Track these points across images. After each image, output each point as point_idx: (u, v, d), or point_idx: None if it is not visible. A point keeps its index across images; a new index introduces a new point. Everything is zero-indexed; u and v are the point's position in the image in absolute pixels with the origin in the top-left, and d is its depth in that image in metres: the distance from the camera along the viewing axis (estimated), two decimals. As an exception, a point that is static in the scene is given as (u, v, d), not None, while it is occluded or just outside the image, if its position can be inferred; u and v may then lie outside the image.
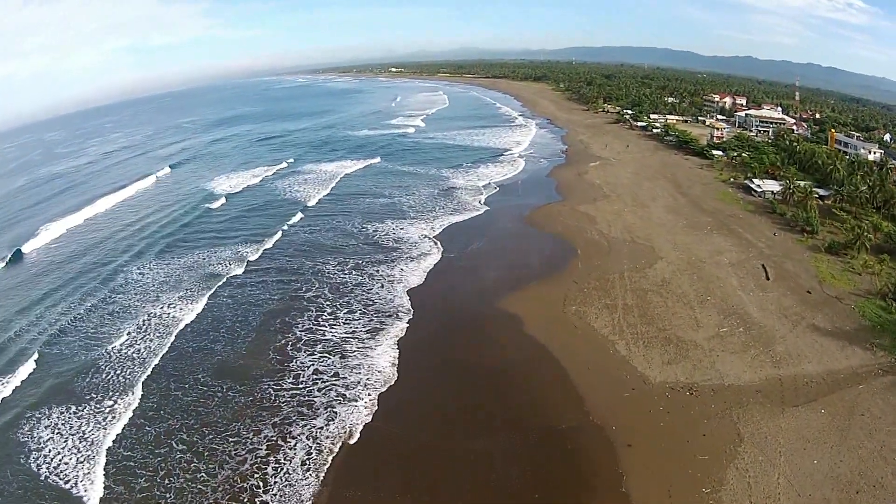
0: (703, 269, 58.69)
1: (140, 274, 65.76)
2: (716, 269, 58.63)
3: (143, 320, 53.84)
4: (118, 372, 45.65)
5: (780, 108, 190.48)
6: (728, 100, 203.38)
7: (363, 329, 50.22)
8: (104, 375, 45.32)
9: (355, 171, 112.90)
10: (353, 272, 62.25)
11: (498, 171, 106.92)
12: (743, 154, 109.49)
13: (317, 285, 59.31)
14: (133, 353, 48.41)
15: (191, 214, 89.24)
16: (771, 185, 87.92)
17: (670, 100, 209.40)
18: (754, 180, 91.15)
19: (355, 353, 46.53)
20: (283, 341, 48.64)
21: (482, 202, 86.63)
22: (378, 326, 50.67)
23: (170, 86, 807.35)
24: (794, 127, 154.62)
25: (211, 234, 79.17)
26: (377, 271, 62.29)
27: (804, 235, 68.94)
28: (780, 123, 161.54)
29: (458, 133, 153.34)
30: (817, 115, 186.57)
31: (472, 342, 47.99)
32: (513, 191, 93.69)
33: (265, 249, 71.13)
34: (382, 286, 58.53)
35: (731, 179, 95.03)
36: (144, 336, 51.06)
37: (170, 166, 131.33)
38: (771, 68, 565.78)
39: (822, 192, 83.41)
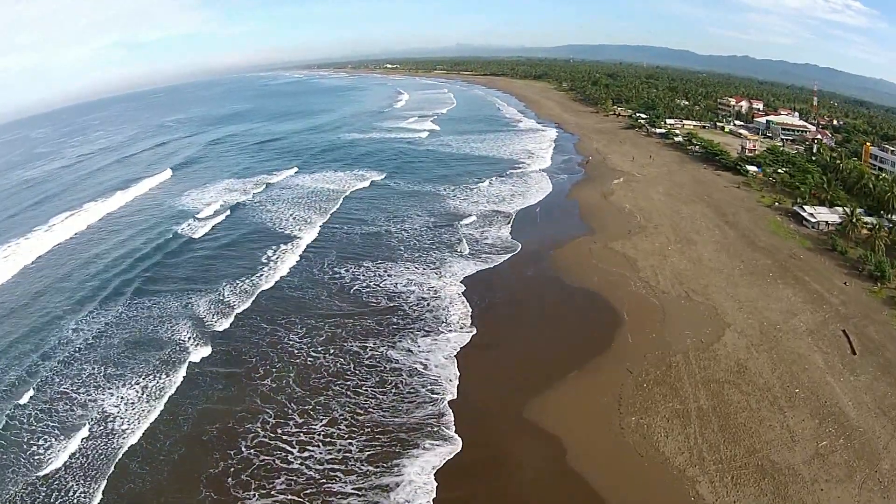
0: (781, 342, 45.48)
1: (78, 349, 49.90)
2: (794, 341, 45.55)
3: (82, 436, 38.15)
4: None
5: (797, 114, 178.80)
6: (744, 104, 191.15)
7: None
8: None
9: (359, 190, 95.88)
10: (350, 360, 45.99)
11: (512, 189, 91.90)
12: (780, 171, 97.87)
13: (307, 384, 42.68)
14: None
15: (152, 257, 70.60)
16: (825, 215, 75.51)
17: (683, 103, 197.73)
18: (805, 207, 78.81)
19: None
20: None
21: (501, 242, 69.26)
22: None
23: (162, 81, 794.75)
24: (819, 136, 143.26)
25: (172, 286, 61.65)
26: (382, 360, 46.12)
27: (876, 285, 57.05)
28: (803, 131, 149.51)
29: (466, 140, 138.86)
30: (834, 122, 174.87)
31: (494, 487, 33.23)
32: (531, 220, 78.31)
33: (240, 313, 53.88)
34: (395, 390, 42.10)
35: (777, 203, 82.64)
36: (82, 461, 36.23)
37: (142, 180, 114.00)
38: (768, 68, 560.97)
39: (869, 219, 71.91)
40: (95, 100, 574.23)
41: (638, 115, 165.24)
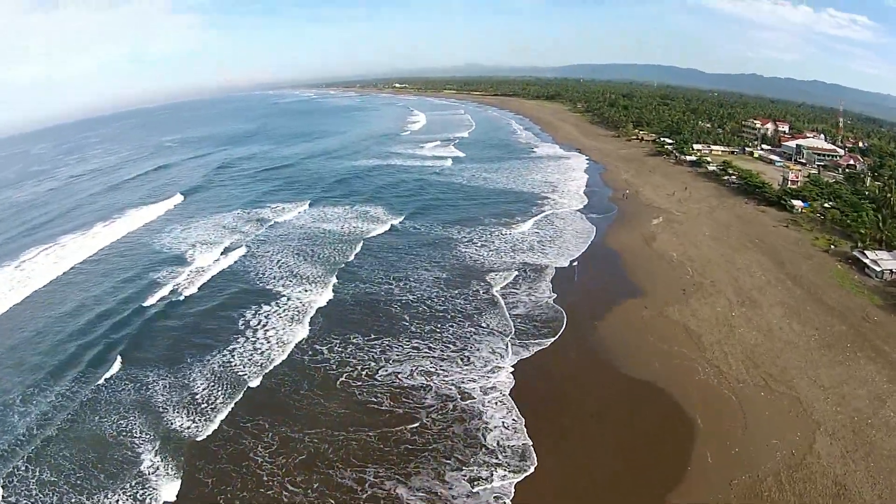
0: (875, 444, 38.00)
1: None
2: (889, 440, 38.34)
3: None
4: None
5: (822, 136, 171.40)
6: (770, 126, 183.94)
7: None
8: None
9: (376, 238, 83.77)
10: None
11: (545, 234, 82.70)
12: (826, 205, 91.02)
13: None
14: None
15: (121, 329, 58.57)
16: (889, 261, 68.17)
17: (705, 125, 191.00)
18: (866, 253, 71.57)
19: None
20: None
21: (542, 312, 57.87)
22: None
23: (169, 97, 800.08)
24: (852, 161, 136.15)
25: (140, 371, 50.23)
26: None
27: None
28: (834, 156, 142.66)
29: (490, 169, 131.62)
30: (860, 144, 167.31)
31: None
32: (569, 276, 67.36)
33: (217, 428, 42.23)
34: None
35: (833, 247, 75.54)
36: None
37: (131, 212, 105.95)
38: (776, 86, 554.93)
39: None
40: (99, 116, 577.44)
41: (663, 139, 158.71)
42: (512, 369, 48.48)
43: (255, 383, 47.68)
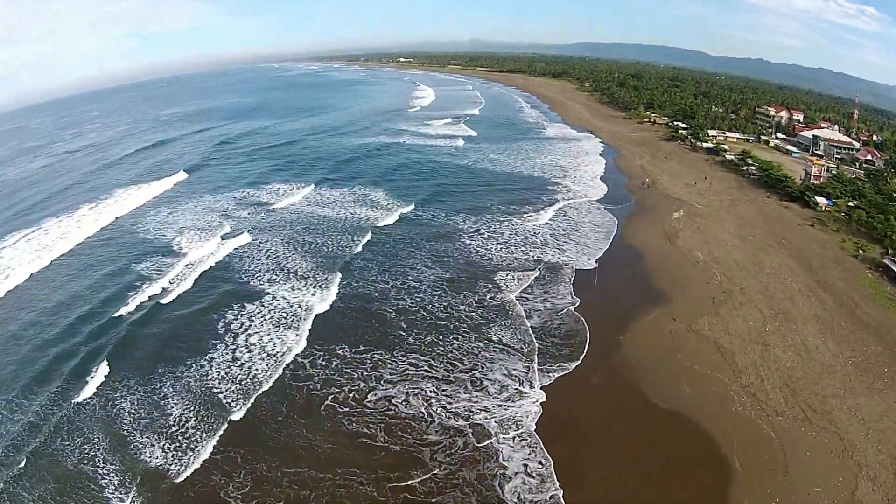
0: None
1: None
2: None
3: None
4: None
5: (836, 127, 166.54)
6: (784, 114, 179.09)
7: None
8: None
9: (383, 229, 77.43)
10: None
11: (561, 227, 77.24)
12: (850, 203, 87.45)
13: None
14: None
15: (98, 337, 52.16)
16: (922, 275, 65.20)
17: (716, 109, 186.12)
18: (896, 261, 68.46)
19: None
20: None
21: (563, 325, 51.98)
22: None
23: (172, 72, 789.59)
24: (869, 156, 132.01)
25: (116, 393, 44.13)
26: None
27: None
28: (851, 149, 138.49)
29: (503, 151, 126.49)
30: (874, 137, 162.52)
31: None
32: (589, 280, 61.72)
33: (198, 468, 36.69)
34: None
35: (861, 252, 72.24)
36: None
37: (121, 193, 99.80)
38: (782, 71, 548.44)
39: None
40: (101, 89, 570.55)
41: (676, 123, 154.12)
42: (536, 399, 42.52)
43: (238, 415, 40.96)
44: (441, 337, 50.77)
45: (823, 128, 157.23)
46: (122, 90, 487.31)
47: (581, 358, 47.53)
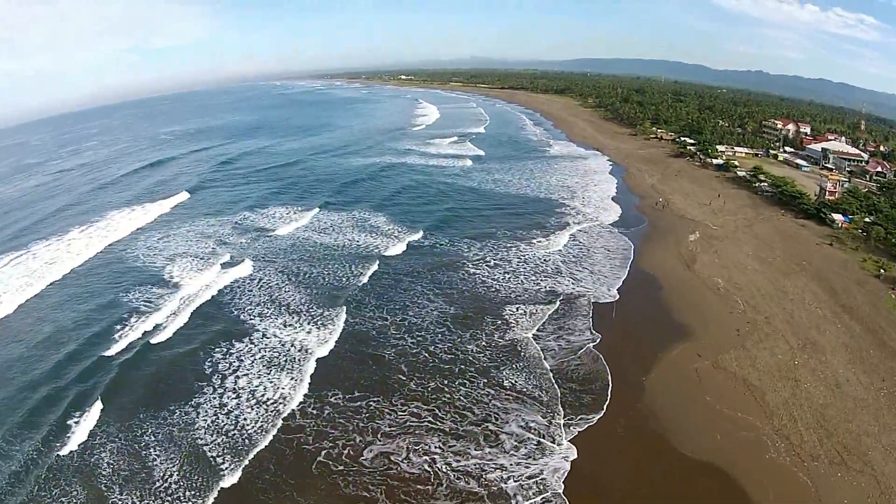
0: None
1: None
2: None
3: None
4: None
5: (843, 138, 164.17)
6: (791, 127, 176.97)
7: None
8: None
9: (389, 260, 72.43)
10: None
11: (574, 252, 73.57)
12: (868, 220, 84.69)
13: None
14: None
15: (77, 384, 47.79)
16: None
17: (722, 124, 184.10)
18: (919, 281, 65.27)
19: None
20: None
21: (584, 368, 47.65)
22: None
23: (174, 88, 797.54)
24: (879, 167, 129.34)
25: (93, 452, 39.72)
26: None
27: None
28: (860, 161, 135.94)
29: (511, 171, 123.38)
30: (881, 148, 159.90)
31: None
32: (606, 315, 56.86)
33: None
34: None
35: (883, 271, 69.00)
36: None
37: (114, 216, 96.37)
38: (782, 83, 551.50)
39: None
40: (103, 105, 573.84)
41: (683, 139, 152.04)
42: (562, 455, 38.21)
43: (229, 481, 36.62)
44: (446, 382, 46.42)
45: (831, 140, 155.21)
46: (124, 107, 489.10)
47: (605, 406, 43.53)
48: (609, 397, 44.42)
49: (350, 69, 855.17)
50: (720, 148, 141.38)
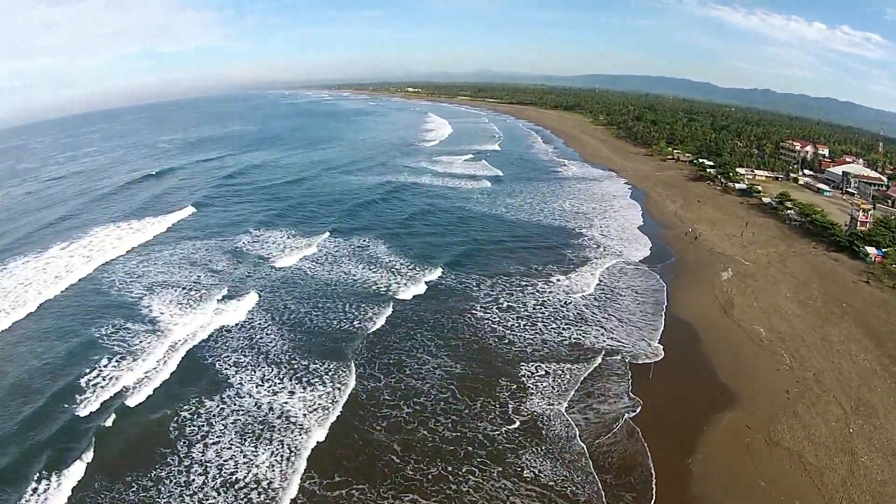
0: None
1: None
2: None
3: None
4: None
5: (861, 161, 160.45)
6: (809, 148, 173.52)
7: None
8: None
9: (405, 304, 63.94)
10: None
11: (604, 296, 66.17)
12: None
13: None
14: None
15: (51, 446, 40.78)
16: None
17: (739, 144, 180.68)
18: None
19: None
20: None
21: (621, 450, 40.59)
22: None
23: (182, 93, 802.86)
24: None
25: None
26: None
27: None
28: (881, 185, 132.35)
29: (533, 195, 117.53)
30: None
31: None
32: (642, 380, 49.21)
33: None
34: None
35: (926, 313, 65.58)
36: None
37: (102, 235, 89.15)
38: (789, 101, 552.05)
39: None
40: (108, 109, 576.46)
41: (702, 161, 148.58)
42: None
43: None
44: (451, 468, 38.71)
45: (849, 162, 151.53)
46: (130, 111, 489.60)
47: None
48: (654, 492, 37.19)
49: (357, 79, 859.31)
50: (741, 171, 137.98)
